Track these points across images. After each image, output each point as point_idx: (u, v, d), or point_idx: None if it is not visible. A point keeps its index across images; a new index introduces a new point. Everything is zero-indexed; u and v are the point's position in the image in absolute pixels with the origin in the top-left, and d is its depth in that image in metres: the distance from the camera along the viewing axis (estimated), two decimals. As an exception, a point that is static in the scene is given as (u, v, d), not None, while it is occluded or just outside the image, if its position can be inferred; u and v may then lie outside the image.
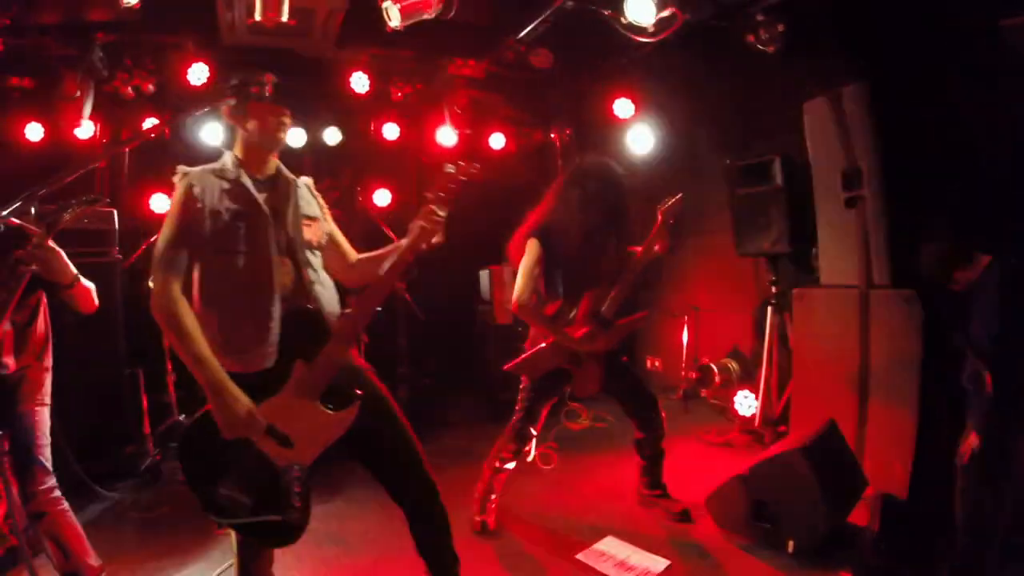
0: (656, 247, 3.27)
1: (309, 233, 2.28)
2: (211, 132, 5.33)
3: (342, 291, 2.40)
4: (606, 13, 4.21)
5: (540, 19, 4.74)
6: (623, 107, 5.80)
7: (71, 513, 2.66)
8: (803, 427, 3.66)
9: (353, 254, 2.50)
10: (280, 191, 2.27)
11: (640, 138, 5.80)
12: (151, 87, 5.15)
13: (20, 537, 1.97)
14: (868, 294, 3.75)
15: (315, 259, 2.29)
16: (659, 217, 3.30)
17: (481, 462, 3.47)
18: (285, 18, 4.03)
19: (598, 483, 4.00)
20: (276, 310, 2.09)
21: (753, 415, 4.75)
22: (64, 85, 4.94)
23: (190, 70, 5.03)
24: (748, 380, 5.18)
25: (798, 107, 4.15)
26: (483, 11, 4.80)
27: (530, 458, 4.20)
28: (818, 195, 4.13)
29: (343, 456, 2.26)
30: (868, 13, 3.73)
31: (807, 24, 4.00)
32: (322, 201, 2.47)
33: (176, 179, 2.17)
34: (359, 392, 2.12)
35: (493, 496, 3.43)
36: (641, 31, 4.11)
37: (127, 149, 5.34)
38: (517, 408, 3.31)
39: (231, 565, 2.53)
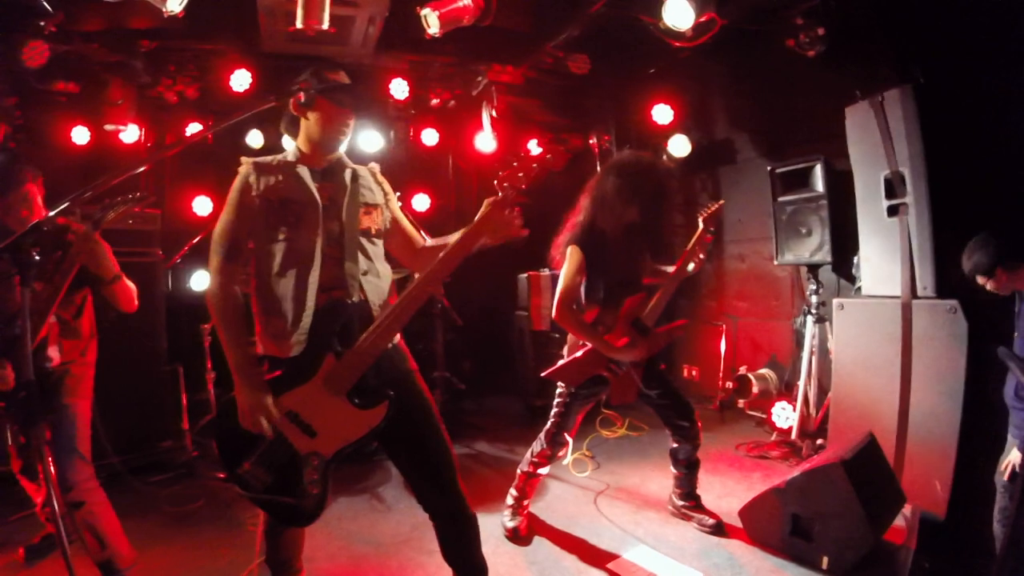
0: (697, 255, 3.23)
1: (368, 221, 2.29)
2: (256, 137, 5.45)
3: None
4: (644, 18, 4.19)
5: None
6: (662, 113, 5.78)
7: (108, 504, 2.73)
8: (841, 440, 3.57)
9: (420, 240, 2.49)
10: (338, 180, 2.29)
11: (679, 144, 5.75)
12: (194, 92, 5.28)
13: (57, 525, 2.03)
14: (911, 305, 3.64)
15: (372, 248, 2.29)
16: (700, 225, 3.27)
17: (514, 467, 3.46)
18: (326, 25, 4.10)
19: (631, 492, 3.95)
20: (311, 300, 2.13)
21: (791, 427, 4.66)
22: (109, 90, 5.12)
23: (232, 76, 5.16)
24: (786, 391, 5.07)
25: (840, 112, 4.07)
26: (521, 17, 4.82)
27: (564, 463, 4.18)
28: (860, 202, 4.04)
29: (382, 456, 2.28)
30: (911, 14, 3.64)
31: (848, 27, 3.91)
32: (388, 188, 2.47)
33: (240, 169, 2.25)
34: (390, 394, 2.11)
35: (525, 502, 3.42)
36: (679, 36, 4.08)
37: (171, 154, 5.49)
38: (552, 414, 3.29)
39: (263, 560, 2.56)
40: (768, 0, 4.15)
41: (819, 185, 4.56)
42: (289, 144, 2.37)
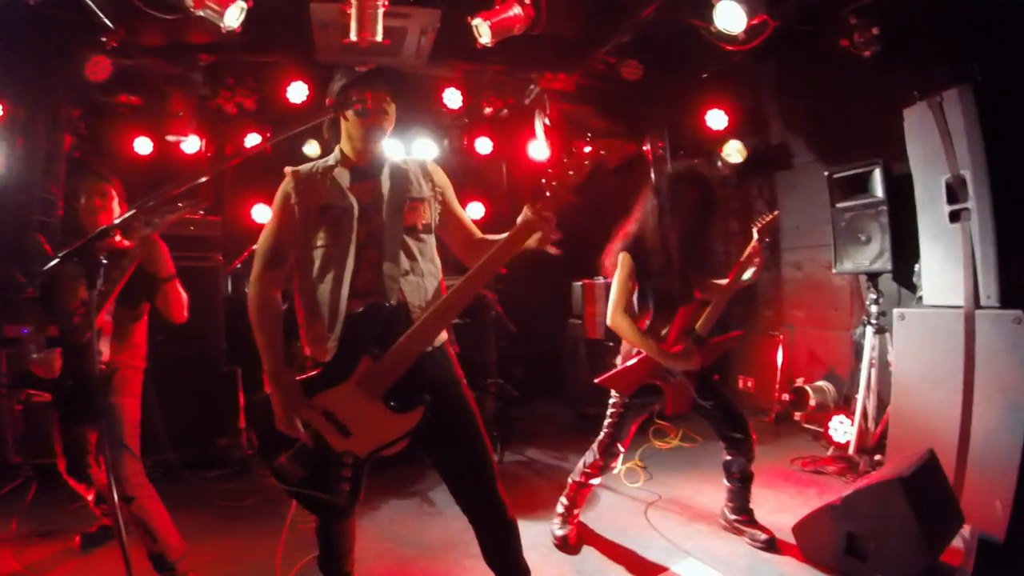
0: (752, 266, 3.17)
1: (413, 217, 2.26)
2: (313, 147, 5.62)
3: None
4: (695, 23, 4.15)
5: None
6: (716, 118, 5.70)
7: (158, 498, 2.83)
8: (900, 456, 3.42)
9: (477, 234, 2.43)
10: (379, 178, 2.28)
11: (733, 150, 5.66)
12: (252, 104, 5.47)
13: (112, 518, 2.13)
14: (974, 315, 3.47)
15: (418, 245, 2.26)
16: (755, 235, 3.21)
17: (565, 476, 3.43)
18: (379, 37, 4.19)
19: (682, 504, 3.88)
20: (343, 305, 2.14)
21: (848, 442, 4.50)
22: (170, 102, 5.35)
23: (289, 88, 5.34)
24: (844, 405, 4.92)
25: (898, 113, 3.93)
26: (572, 24, 4.84)
27: (616, 473, 4.13)
28: (920, 208, 3.88)
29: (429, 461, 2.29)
30: (968, 10, 3.49)
31: (903, 25, 3.79)
32: (440, 179, 2.41)
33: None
34: (426, 399, 2.10)
35: (575, 511, 3.39)
36: (732, 40, 4.02)
37: (231, 166, 5.69)
38: (605, 423, 3.25)
39: (313, 557, 2.62)
40: (821, 0, 4.06)
41: (878, 190, 4.40)
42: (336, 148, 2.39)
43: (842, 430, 4.60)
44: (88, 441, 3.05)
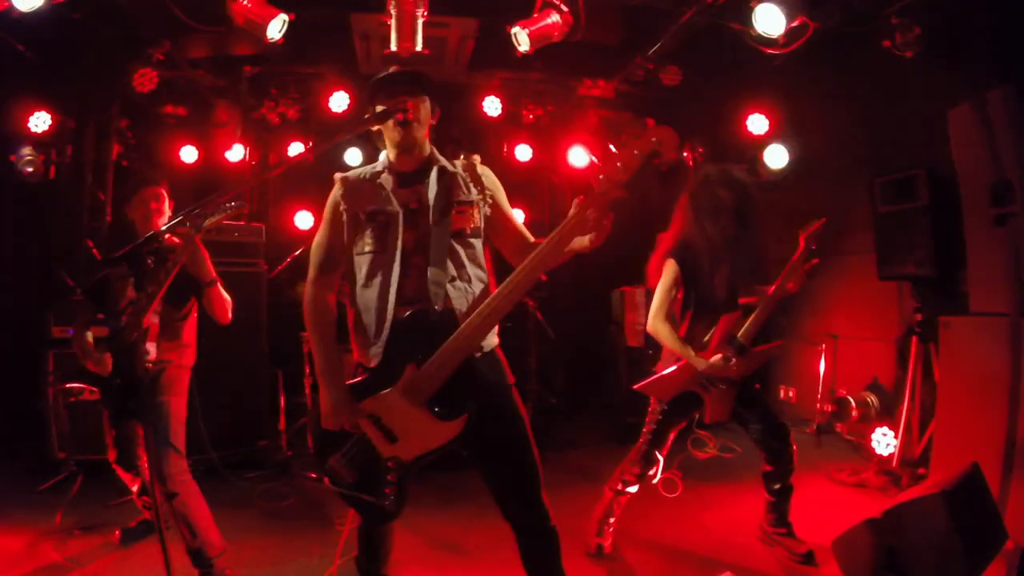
0: (796, 274, 3.13)
1: (461, 221, 2.23)
2: (355, 155, 5.75)
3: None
4: (735, 26, 4.12)
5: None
6: (757, 123, 5.65)
7: (200, 495, 2.90)
8: (944, 469, 3.33)
9: (529, 238, 2.39)
10: (426, 182, 2.26)
11: (775, 155, 5.59)
12: (295, 114, 5.60)
13: (154, 513, 2.19)
14: (1020, 323, 3.37)
15: (465, 250, 2.23)
16: (800, 243, 3.16)
17: (603, 484, 3.40)
18: (419, 47, 4.25)
19: (720, 515, 3.83)
20: (390, 312, 2.16)
21: (891, 454, 4.38)
22: (215, 113, 5.51)
23: (331, 98, 5.45)
24: (887, 416, 4.78)
25: (942, 116, 3.83)
26: (611, 31, 4.85)
27: (653, 481, 4.09)
28: (966, 212, 3.77)
29: (474, 466, 2.30)
30: (1013, 7, 3.39)
31: (946, 25, 3.70)
32: (490, 181, 2.37)
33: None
34: (471, 407, 2.09)
35: (612, 519, 3.36)
36: (772, 43, 3.99)
37: (274, 175, 5.85)
38: (644, 431, 3.23)
39: (351, 557, 2.66)
40: (862, 1, 3.99)
41: (923, 195, 4.28)
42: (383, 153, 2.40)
43: (885, 442, 4.48)
44: (137, 434, 3.14)
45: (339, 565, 2.98)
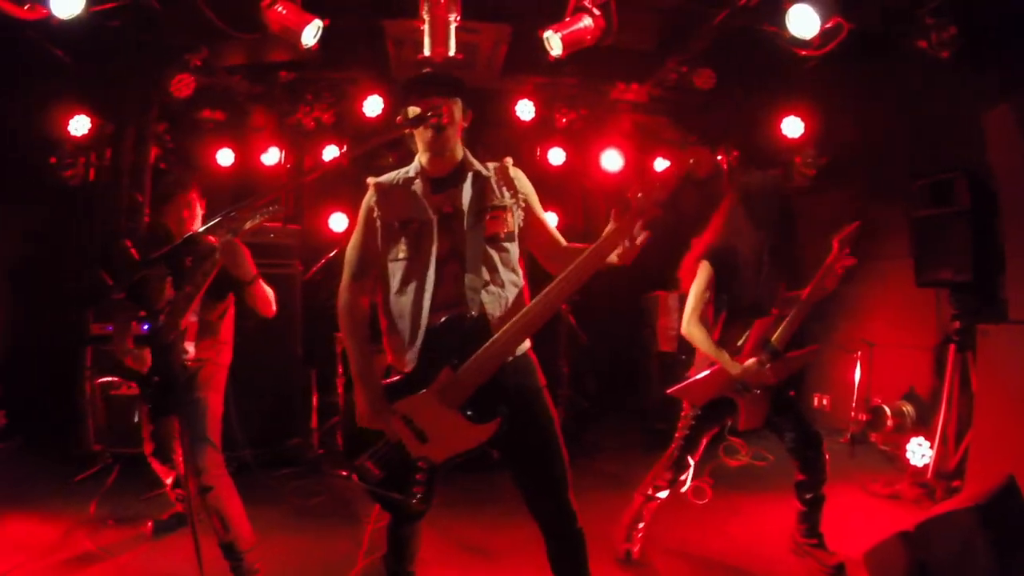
0: (831, 278, 3.06)
1: (495, 226, 2.23)
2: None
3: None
4: (768, 28, 4.08)
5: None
6: (791, 126, 5.55)
7: (234, 490, 2.95)
8: (980, 482, 3.24)
9: (562, 241, 2.38)
10: (460, 187, 2.26)
11: (810, 158, 5.50)
12: (330, 118, 5.69)
13: (187, 506, 2.24)
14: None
15: (499, 254, 2.24)
16: (834, 247, 3.08)
17: (632, 490, 3.38)
18: (452, 52, 4.29)
19: (751, 524, 3.78)
20: (424, 319, 2.17)
21: (926, 466, 4.27)
22: (252, 117, 5.63)
23: (365, 102, 5.52)
24: (923, 426, 4.66)
25: (980, 116, 3.74)
26: (644, 34, 4.84)
27: (683, 489, 4.05)
28: (1006, 217, 3.67)
29: (504, 467, 2.32)
30: None
31: (982, 23, 3.61)
32: (523, 184, 2.37)
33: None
34: (504, 412, 2.10)
35: (641, 525, 3.33)
36: (806, 45, 3.94)
37: (309, 180, 5.94)
38: (677, 436, 3.20)
39: (378, 556, 2.70)
40: (896, 1, 3.92)
41: (962, 198, 4.17)
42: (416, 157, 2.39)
43: (920, 453, 4.38)
44: (174, 429, 3.21)
45: (366, 563, 3.02)
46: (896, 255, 4.99)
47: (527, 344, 2.30)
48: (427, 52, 4.32)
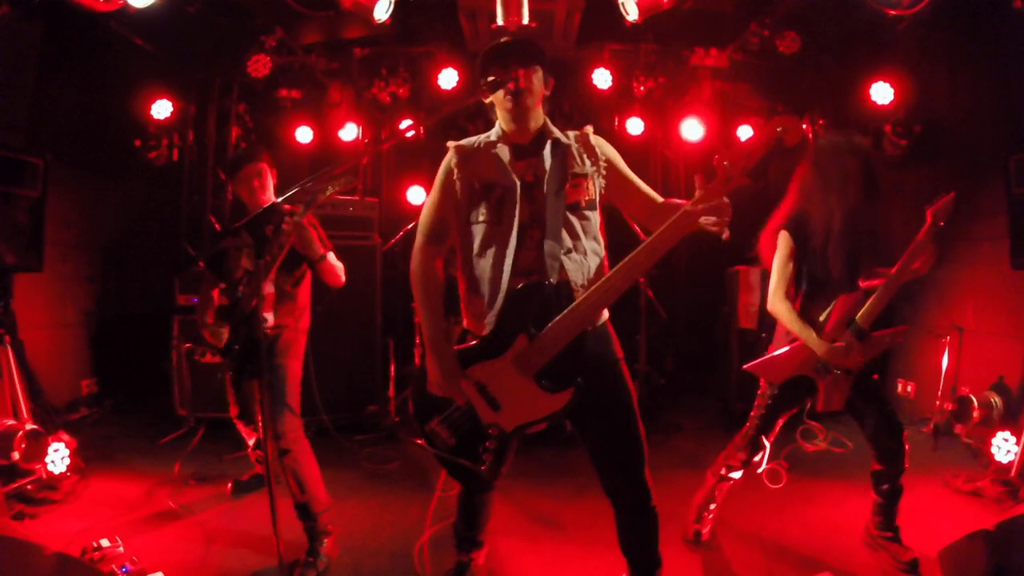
0: (923, 254, 2.88)
1: (575, 194, 2.22)
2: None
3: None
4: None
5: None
6: (881, 92, 5.21)
7: (312, 454, 3.07)
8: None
9: (657, 198, 2.33)
10: (541, 155, 2.26)
11: (900, 126, 5.18)
12: (406, 92, 5.76)
13: (266, 467, 2.33)
14: None
15: (581, 222, 2.23)
16: (927, 218, 2.88)
17: (706, 470, 3.31)
18: (526, 20, 4.25)
19: (824, 512, 3.67)
20: (505, 283, 2.17)
21: (1011, 463, 3.99)
22: (328, 94, 5.76)
23: (440, 75, 5.56)
24: (1011, 420, 4.35)
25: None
26: (723, -4, 4.66)
27: (758, 471, 3.97)
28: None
29: (578, 441, 2.32)
30: None
31: None
32: (606, 150, 2.35)
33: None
34: (579, 381, 2.09)
35: (712, 506, 3.28)
36: (895, 5, 3.71)
37: (385, 148, 6.05)
38: (752, 415, 3.10)
39: (450, 522, 2.79)
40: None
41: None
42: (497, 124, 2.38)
43: (1005, 448, 4.10)
44: (256, 393, 3.34)
45: (436, 529, 3.10)
46: (992, 235, 4.68)
47: (606, 315, 2.29)
48: (500, 22, 4.29)
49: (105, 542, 2.87)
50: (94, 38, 4.73)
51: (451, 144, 2.36)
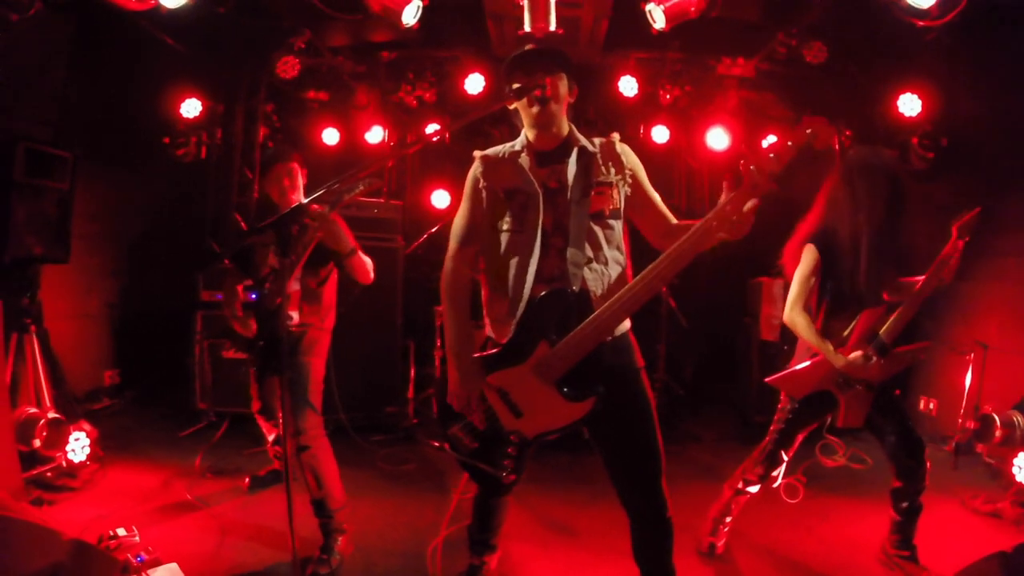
0: (947, 270, 2.86)
1: (600, 203, 2.21)
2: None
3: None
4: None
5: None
6: (908, 103, 5.16)
7: (331, 452, 3.09)
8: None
9: (671, 219, 2.33)
10: (565, 162, 2.25)
11: (928, 138, 5.12)
12: (432, 96, 5.80)
13: (284, 463, 2.36)
14: None
15: (604, 231, 2.22)
16: (952, 233, 2.87)
17: (723, 482, 3.30)
18: (553, 27, 4.25)
19: (841, 529, 3.62)
20: (527, 289, 2.18)
21: (1032, 484, 3.94)
22: (355, 97, 5.81)
23: (467, 80, 5.59)
24: (1034, 441, 4.30)
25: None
26: (750, 5, 4.65)
27: (775, 485, 3.93)
28: None
29: (595, 447, 2.32)
30: None
31: None
32: (631, 160, 2.34)
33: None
34: (600, 390, 2.08)
35: (728, 519, 3.26)
36: (924, 14, 3.67)
37: (411, 152, 6.09)
38: (772, 429, 3.07)
39: (463, 526, 2.78)
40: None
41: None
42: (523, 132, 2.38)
43: (1026, 470, 4.04)
44: (277, 389, 3.38)
45: (451, 532, 3.10)
46: (1017, 250, 4.61)
47: (627, 324, 2.29)
48: (527, 28, 4.31)
49: (121, 531, 2.92)
50: (125, 36, 4.81)
51: (477, 154, 2.39)
